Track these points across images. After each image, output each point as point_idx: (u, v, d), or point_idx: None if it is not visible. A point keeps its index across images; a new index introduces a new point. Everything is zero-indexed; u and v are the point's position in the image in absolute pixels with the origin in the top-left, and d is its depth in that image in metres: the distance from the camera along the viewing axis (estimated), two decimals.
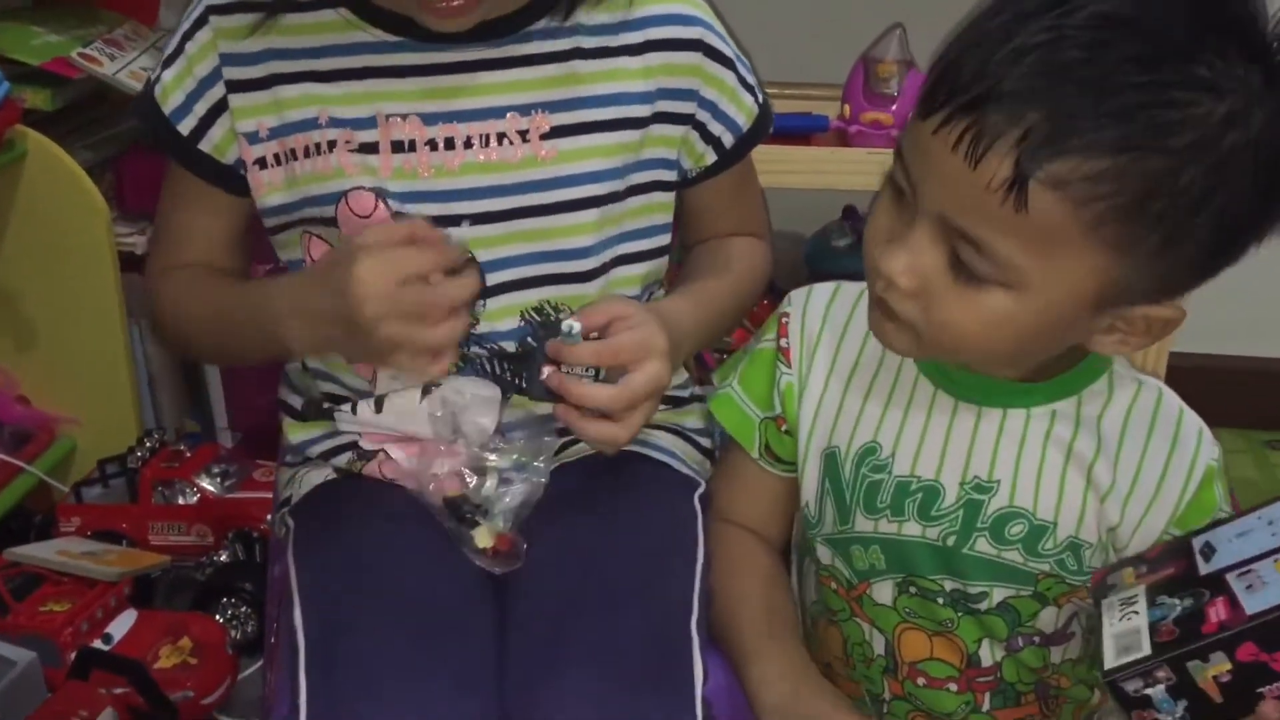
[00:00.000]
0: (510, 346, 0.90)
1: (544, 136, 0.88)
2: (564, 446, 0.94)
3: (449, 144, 0.87)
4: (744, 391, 0.92)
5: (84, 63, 1.36)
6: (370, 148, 0.87)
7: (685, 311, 0.91)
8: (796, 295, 0.92)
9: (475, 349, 0.90)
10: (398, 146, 0.87)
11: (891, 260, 0.74)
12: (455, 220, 0.87)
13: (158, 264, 0.97)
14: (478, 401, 0.89)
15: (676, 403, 1.00)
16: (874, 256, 0.76)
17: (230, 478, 1.38)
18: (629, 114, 0.90)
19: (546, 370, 0.85)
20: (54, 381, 1.44)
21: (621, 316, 0.85)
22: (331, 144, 0.87)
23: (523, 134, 0.88)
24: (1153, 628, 0.73)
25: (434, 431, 0.89)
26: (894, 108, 1.31)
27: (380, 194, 0.87)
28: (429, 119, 0.87)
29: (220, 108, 0.88)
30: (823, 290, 0.91)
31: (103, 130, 1.52)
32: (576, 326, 0.84)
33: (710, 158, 0.95)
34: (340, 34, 0.88)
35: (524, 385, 0.88)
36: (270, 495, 1.13)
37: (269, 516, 1.20)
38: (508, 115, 0.88)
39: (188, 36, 0.89)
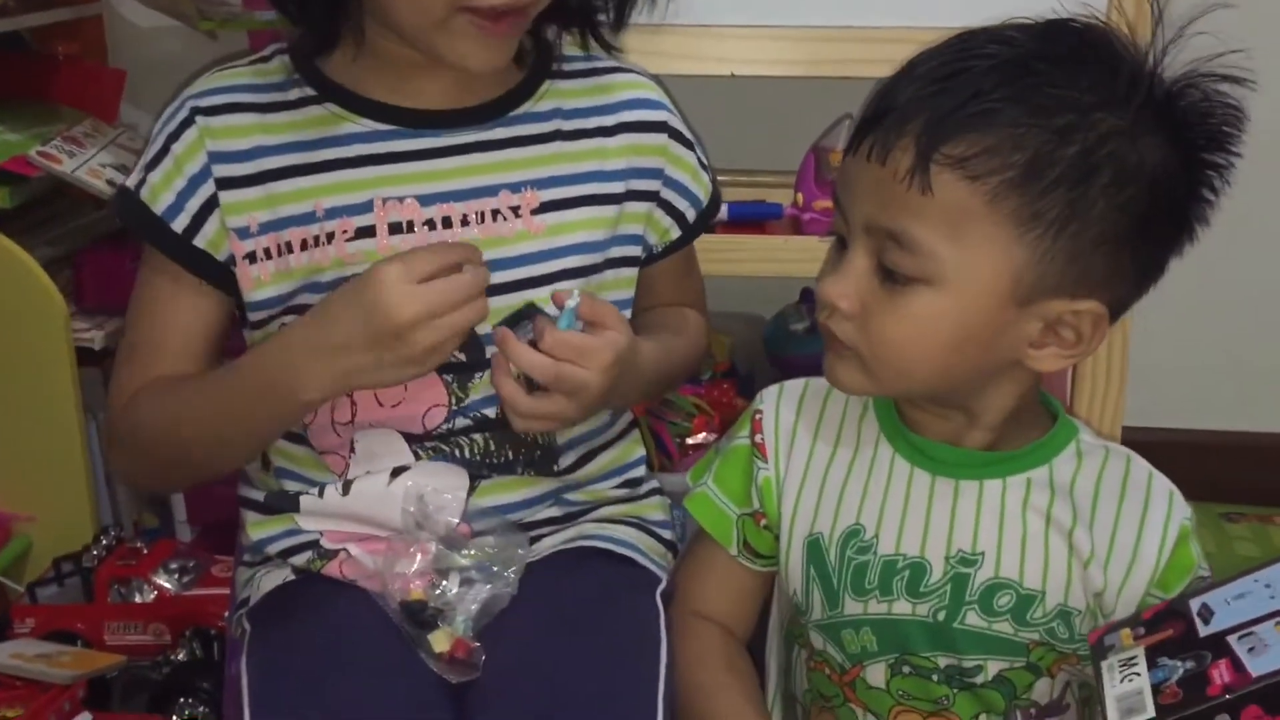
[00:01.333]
0: (493, 414, 0.91)
1: (534, 211, 0.92)
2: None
3: (446, 223, 0.90)
4: (720, 489, 0.93)
5: (43, 161, 1.36)
6: (367, 231, 0.89)
7: (651, 352, 0.94)
8: (768, 392, 0.95)
9: (461, 420, 0.91)
10: (395, 228, 0.89)
11: (830, 286, 0.82)
12: None
13: (130, 381, 0.92)
14: (445, 493, 0.90)
15: (635, 490, 1.01)
16: (818, 290, 0.83)
17: (188, 574, 1.36)
18: (607, 190, 0.95)
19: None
20: (9, 479, 1.42)
21: (608, 327, 0.87)
22: (330, 236, 0.88)
23: (514, 209, 0.91)
24: (1155, 689, 0.73)
25: (401, 524, 0.90)
26: None
27: None
28: (425, 200, 0.89)
29: (211, 205, 0.89)
30: (794, 385, 0.95)
31: (60, 225, 1.51)
32: (575, 301, 0.86)
33: (675, 233, 1.00)
34: (330, 127, 0.90)
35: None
36: (228, 591, 1.12)
37: (226, 614, 1.19)
38: (500, 193, 0.91)
39: (174, 137, 0.90)
